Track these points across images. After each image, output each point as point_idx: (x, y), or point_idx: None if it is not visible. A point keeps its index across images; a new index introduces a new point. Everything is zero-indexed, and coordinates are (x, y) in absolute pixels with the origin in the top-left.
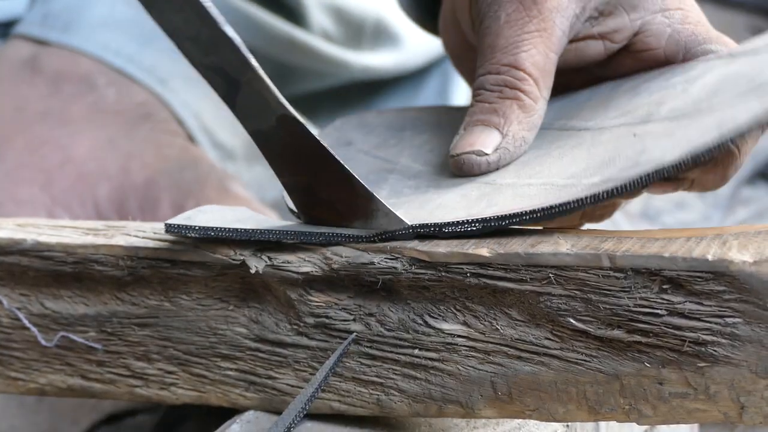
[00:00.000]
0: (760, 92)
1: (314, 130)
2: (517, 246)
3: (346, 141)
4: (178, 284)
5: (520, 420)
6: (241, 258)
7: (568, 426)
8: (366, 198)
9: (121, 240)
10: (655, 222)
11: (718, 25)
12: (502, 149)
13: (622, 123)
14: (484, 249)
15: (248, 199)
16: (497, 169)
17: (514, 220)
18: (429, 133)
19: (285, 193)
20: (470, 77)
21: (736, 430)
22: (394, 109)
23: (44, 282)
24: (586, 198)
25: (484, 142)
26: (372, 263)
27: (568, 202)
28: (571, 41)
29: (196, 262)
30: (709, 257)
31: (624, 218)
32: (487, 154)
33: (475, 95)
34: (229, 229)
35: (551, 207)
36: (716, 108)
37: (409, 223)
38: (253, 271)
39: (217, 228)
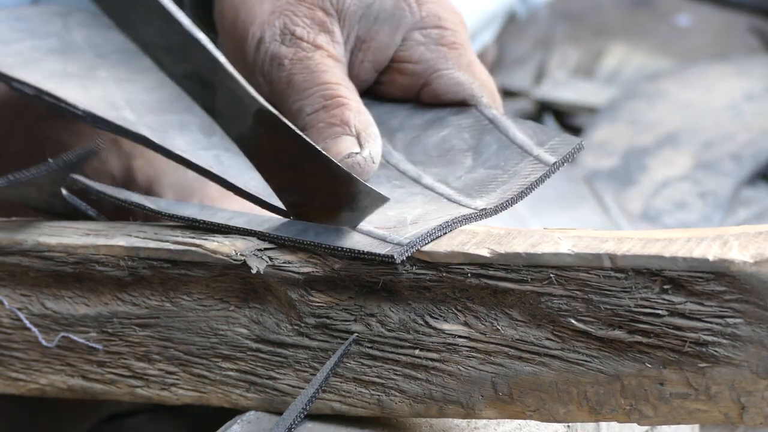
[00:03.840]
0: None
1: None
2: (518, 246)
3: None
4: (178, 285)
5: (521, 420)
6: (242, 258)
7: (569, 426)
8: (347, 181)
9: (121, 240)
10: (656, 223)
11: (719, 26)
12: (367, 144)
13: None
14: (484, 249)
15: None
16: (374, 162)
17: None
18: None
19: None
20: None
21: (737, 430)
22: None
23: (45, 282)
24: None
25: (347, 147)
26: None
27: None
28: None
29: (197, 262)
30: (710, 258)
31: (624, 219)
32: (358, 152)
33: (305, 124)
34: (130, 202)
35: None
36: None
37: (389, 198)
38: (254, 271)
39: (115, 196)
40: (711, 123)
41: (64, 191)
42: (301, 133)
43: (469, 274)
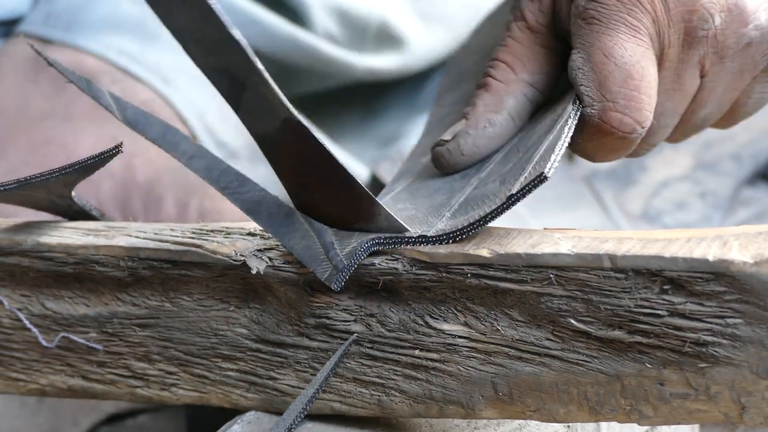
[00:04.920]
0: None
1: (317, 133)
2: (517, 247)
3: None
4: (179, 285)
5: (521, 420)
6: (242, 259)
7: (569, 426)
8: (368, 202)
9: (121, 241)
10: (656, 223)
11: None
12: (461, 134)
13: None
14: (484, 250)
15: None
16: (464, 154)
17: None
18: None
19: None
20: None
21: (737, 430)
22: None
23: (45, 283)
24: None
25: (450, 131)
26: (373, 264)
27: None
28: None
29: (197, 262)
30: (710, 258)
31: (624, 219)
32: (446, 141)
33: None
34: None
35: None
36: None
37: (409, 229)
38: (254, 271)
39: (84, 88)
40: None
41: (73, 193)
42: (329, 149)
43: (469, 275)
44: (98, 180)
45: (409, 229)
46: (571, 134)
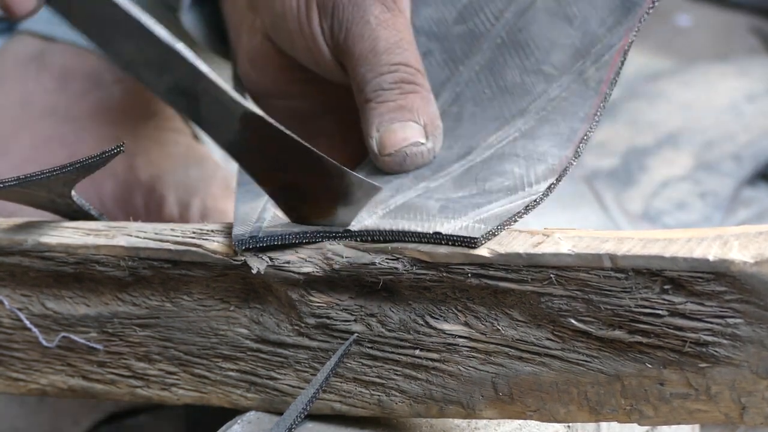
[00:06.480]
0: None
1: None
2: (518, 246)
3: None
4: (179, 285)
5: (521, 420)
6: (242, 259)
7: (569, 426)
8: (339, 175)
9: (122, 240)
10: (656, 223)
11: (719, 26)
12: (431, 136)
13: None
14: (485, 249)
15: None
16: (434, 156)
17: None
18: None
19: None
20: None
21: (737, 430)
22: None
23: (45, 282)
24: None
25: (413, 135)
26: (373, 264)
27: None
28: None
29: (198, 262)
30: (710, 258)
31: (625, 219)
32: (423, 143)
33: (373, 97)
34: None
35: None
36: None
37: (381, 187)
38: (254, 271)
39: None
40: (711, 123)
41: (73, 192)
42: (288, 132)
43: (469, 274)
44: (101, 179)
45: (381, 187)
46: (524, 215)
